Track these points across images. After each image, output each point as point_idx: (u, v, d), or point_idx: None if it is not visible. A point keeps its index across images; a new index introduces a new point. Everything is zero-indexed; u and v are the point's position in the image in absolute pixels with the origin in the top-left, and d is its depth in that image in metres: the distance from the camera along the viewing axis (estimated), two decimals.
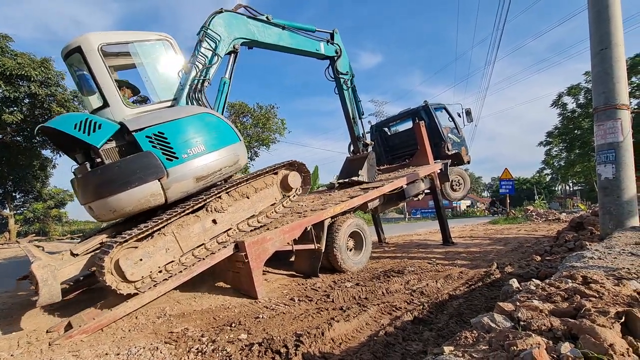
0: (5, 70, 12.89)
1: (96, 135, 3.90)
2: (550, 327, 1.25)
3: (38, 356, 2.68)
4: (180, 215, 4.01)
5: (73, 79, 4.70)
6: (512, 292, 2.33)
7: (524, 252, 6.78)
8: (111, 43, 4.33)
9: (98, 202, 4.00)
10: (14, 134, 16.27)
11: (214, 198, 4.34)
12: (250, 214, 4.78)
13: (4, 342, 3.04)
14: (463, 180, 9.18)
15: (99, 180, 3.98)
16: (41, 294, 3.25)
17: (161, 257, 3.79)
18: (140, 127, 4.07)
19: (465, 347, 1.21)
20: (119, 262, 3.46)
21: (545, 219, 15.83)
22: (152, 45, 4.67)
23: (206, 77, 4.98)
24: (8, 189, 20.12)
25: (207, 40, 5.04)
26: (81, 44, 4.12)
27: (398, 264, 6.04)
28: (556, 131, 30.63)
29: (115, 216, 4.17)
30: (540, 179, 53.90)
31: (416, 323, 3.02)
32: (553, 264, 4.54)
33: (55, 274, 3.44)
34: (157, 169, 4.02)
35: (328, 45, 6.90)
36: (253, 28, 5.62)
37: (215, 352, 2.59)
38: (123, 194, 3.90)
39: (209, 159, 4.44)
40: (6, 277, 6.73)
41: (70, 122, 3.90)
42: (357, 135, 7.66)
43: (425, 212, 43.40)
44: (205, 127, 4.54)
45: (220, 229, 4.38)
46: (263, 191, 4.98)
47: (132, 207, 4.01)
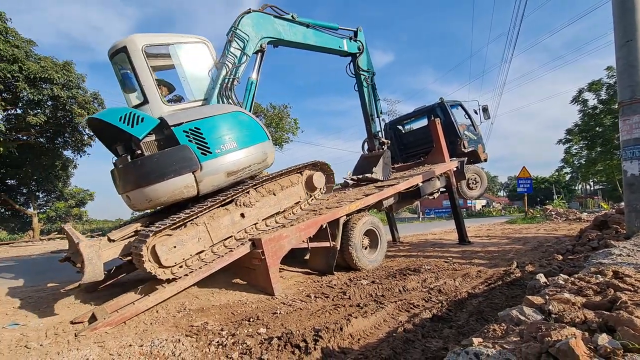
0: (29, 73, 13.39)
1: (139, 128, 4.15)
2: (584, 319, 1.21)
3: (65, 346, 2.77)
4: (212, 207, 4.17)
5: (117, 77, 4.93)
6: (539, 287, 2.27)
7: (544, 251, 6.59)
8: (153, 44, 4.60)
9: (135, 191, 4.23)
10: (37, 136, 16.90)
11: (243, 193, 4.52)
12: (276, 210, 4.92)
13: (32, 333, 3.16)
14: (480, 179, 9.01)
15: (138, 171, 4.21)
16: (86, 271, 3.47)
17: (193, 246, 3.96)
18: (178, 122, 4.30)
19: (494, 339, 1.19)
20: (155, 248, 3.64)
21: (565, 219, 15.37)
22: (190, 47, 4.92)
23: (236, 76, 5.15)
24: (32, 188, 20.91)
25: (236, 40, 5.18)
26: (127, 45, 4.40)
27: (414, 262, 5.98)
28: (576, 128, 29.72)
29: (150, 206, 4.39)
30: (560, 177, 52.32)
31: (435, 321, 2.98)
32: (576, 263, 4.40)
33: (99, 253, 3.68)
34: (192, 162, 4.23)
35: (351, 42, 6.98)
36: (279, 27, 5.74)
37: (235, 345, 2.62)
38: (159, 184, 4.12)
39: (240, 155, 4.63)
40: (32, 273, 6.99)
41: (116, 115, 4.18)
42: (374, 133, 7.65)
43: (439, 212, 42.81)
44: (238, 125, 4.75)
45: (247, 223, 4.54)
46: (289, 189, 5.13)
47: (167, 198, 4.23)
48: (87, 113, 16.03)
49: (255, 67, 5.55)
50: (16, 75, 13.28)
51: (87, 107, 16.17)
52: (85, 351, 2.62)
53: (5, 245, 14.35)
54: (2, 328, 3.29)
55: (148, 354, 2.56)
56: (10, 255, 10.96)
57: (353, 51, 7.05)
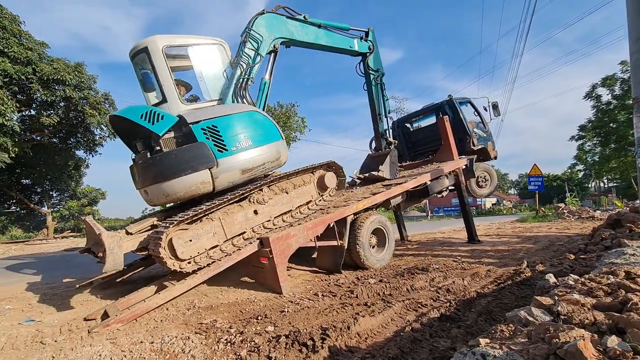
0: (43, 75, 13.68)
1: (159, 125, 4.32)
2: (594, 320, 1.19)
3: (79, 342, 2.84)
4: (227, 203, 4.29)
5: (137, 76, 5.08)
6: (549, 287, 2.24)
7: (555, 250, 6.49)
8: (173, 45, 4.76)
9: (153, 186, 4.39)
10: (51, 136, 17.27)
11: (257, 190, 4.62)
12: (288, 208, 5.00)
13: (48, 329, 3.24)
14: (489, 177, 8.89)
15: (156, 167, 4.36)
16: (107, 261, 3.62)
17: (208, 240, 4.07)
18: (196, 120, 4.44)
19: (502, 340, 1.18)
20: (172, 241, 3.75)
21: (578, 217, 15.08)
22: (207, 49, 5.06)
23: (250, 76, 5.25)
24: (46, 188, 21.41)
25: (250, 40, 5.28)
26: (148, 45, 4.56)
27: (422, 261, 5.94)
28: (590, 125, 29.03)
29: (167, 201, 4.55)
30: (572, 175, 51.21)
31: (443, 320, 2.97)
32: (588, 263, 4.31)
33: (120, 244, 3.84)
34: (209, 158, 4.37)
35: (361, 42, 7.03)
36: (292, 28, 5.83)
37: (243, 343, 2.65)
38: (176, 180, 4.27)
39: (255, 154, 4.76)
40: (46, 270, 7.17)
41: (137, 112, 4.36)
42: (381, 132, 7.64)
43: (448, 210, 42.37)
44: (253, 124, 4.88)
45: (260, 220, 4.64)
46: (301, 188, 5.21)
47: (183, 193, 4.37)
48: (99, 114, 16.33)
49: (268, 67, 5.64)
50: (30, 77, 13.59)
51: (99, 108, 16.46)
52: (98, 347, 2.69)
53: (21, 243, 14.74)
54: (19, 324, 3.39)
55: (158, 351, 2.61)
56: (26, 253, 11.25)
57: (364, 51, 7.10)
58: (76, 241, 15.31)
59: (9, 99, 12.98)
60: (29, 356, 2.59)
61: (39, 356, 2.57)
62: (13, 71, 12.85)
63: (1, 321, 3.51)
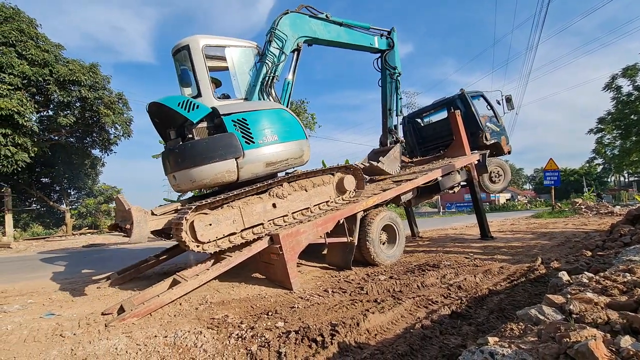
0: (59, 76, 14.05)
1: (194, 113, 4.61)
2: (607, 320, 1.16)
3: (96, 336, 2.93)
4: (248, 193, 4.52)
5: (176, 72, 5.38)
6: (561, 285, 2.19)
7: (571, 247, 6.32)
8: (212, 45, 5.04)
9: (182, 172, 4.65)
10: (68, 136, 17.76)
11: (277, 185, 4.84)
12: (306, 205, 5.13)
13: (67, 322, 3.36)
14: (503, 172, 8.72)
15: (187, 153, 4.63)
16: (134, 232, 3.93)
17: (227, 227, 4.26)
18: (228, 112, 4.74)
19: (511, 339, 1.16)
20: (194, 223, 3.96)
21: (596, 213, 14.65)
22: (242, 50, 5.35)
23: (275, 74, 5.44)
24: (64, 186, 22.07)
25: (275, 40, 5.46)
26: (189, 43, 4.86)
27: (433, 258, 5.89)
28: (609, 117, 28.04)
29: (194, 187, 4.79)
30: (591, 169, 49.68)
31: (454, 317, 2.93)
32: (606, 260, 4.19)
33: (147, 219, 4.14)
34: (237, 149, 4.62)
35: (381, 39, 7.17)
36: (314, 26, 5.99)
37: (254, 338, 2.69)
38: (205, 166, 4.52)
39: (279, 149, 4.99)
40: (66, 266, 7.42)
41: (175, 101, 4.65)
42: (390, 128, 7.59)
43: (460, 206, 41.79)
44: (280, 121, 5.12)
45: (277, 214, 4.79)
46: (320, 187, 5.36)
47: (209, 180, 4.61)
48: (113, 113, 16.69)
49: (292, 66, 5.82)
50: (47, 78, 13.98)
51: (112, 108, 16.81)
52: (114, 341, 2.77)
53: (41, 240, 15.26)
54: (40, 318, 3.53)
55: (172, 345, 2.67)
56: (47, 249, 11.65)
57: (383, 48, 7.21)
58: (93, 237, 15.76)
59: (28, 100, 13.38)
60: (50, 348, 2.68)
61: (58, 349, 2.67)
62: (31, 73, 13.24)
63: (24, 315, 3.65)
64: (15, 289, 4.98)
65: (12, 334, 3.04)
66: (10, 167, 12.78)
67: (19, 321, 3.40)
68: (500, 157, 9.01)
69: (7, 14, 13.58)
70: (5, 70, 12.73)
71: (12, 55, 12.92)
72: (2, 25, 13.09)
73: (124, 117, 17.83)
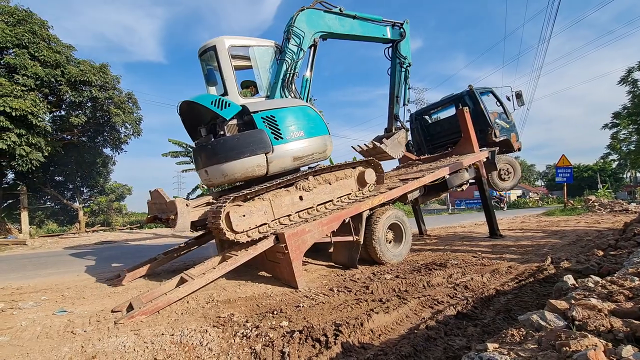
0: (71, 77, 14.30)
1: (227, 111, 4.88)
2: (610, 328, 1.13)
3: (106, 333, 3.01)
4: (277, 186, 4.74)
5: (202, 72, 5.62)
6: (566, 289, 2.14)
7: (583, 246, 6.20)
8: (236, 45, 5.27)
9: (214, 166, 4.90)
10: (80, 135, 18.10)
11: (303, 178, 5.04)
12: (329, 198, 5.31)
13: (78, 319, 3.45)
14: (513, 169, 8.57)
15: (219, 148, 4.87)
16: (178, 222, 4.30)
17: (259, 217, 4.47)
18: (257, 110, 4.99)
19: (511, 345, 1.15)
20: (229, 214, 4.18)
21: (610, 210, 14.31)
22: (265, 50, 5.56)
23: (295, 70, 5.61)
24: (77, 184, 22.54)
25: (293, 37, 5.61)
26: (216, 44, 5.09)
27: (440, 256, 5.84)
28: (625, 111, 27.22)
29: (225, 181, 5.02)
30: (605, 165, 48.43)
31: (459, 318, 2.91)
32: (618, 260, 4.10)
33: (189, 209, 4.44)
34: (266, 144, 4.87)
35: (393, 29, 7.26)
36: (329, 21, 6.15)
37: (258, 337, 2.72)
38: (236, 161, 4.79)
39: (306, 144, 5.26)
40: (79, 263, 7.60)
41: (208, 99, 4.94)
42: (395, 114, 7.62)
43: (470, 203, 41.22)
44: (306, 117, 5.40)
45: (304, 205, 4.97)
46: (342, 181, 5.53)
47: (240, 174, 4.88)
48: (123, 112, 16.92)
49: (309, 62, 5.96)
50: (59, 79, 14.24)
51: (123, 107, 17.05)
52: (123, 338, 2.83)
53: (56, 237, 15.65)
54: (52, 314, 3.62)
55: (178, 343, 2.72)
56: (60, 246, 11.94)
57: (395, 38, 7.29)
58: (105, 235, 16.08)
59: (41, 100, 13.66)
60: (61, 345, 2.76)
61: (69, 345, 2.74)
62: (44, 74, 13.50)
63: (37, 311, 3.76)
64: (30, 286, 5.13)
65: (26, 330, 3.14)
66: (25, 166, 13.10)
67: (32, 318, 3.51)
68: (510, 154, 8.86)
69: (20, 16, 13.85)
70: (19, 71, 13.01)
71: (25, 56, 13.19)
72: (15, 28, 13.36)
73: (133, 116, 18.06)
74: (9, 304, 4.09)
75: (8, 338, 2.95)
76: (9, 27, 13.20)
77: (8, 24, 13.42)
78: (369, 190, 5.86)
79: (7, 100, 11.93)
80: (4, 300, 4.21)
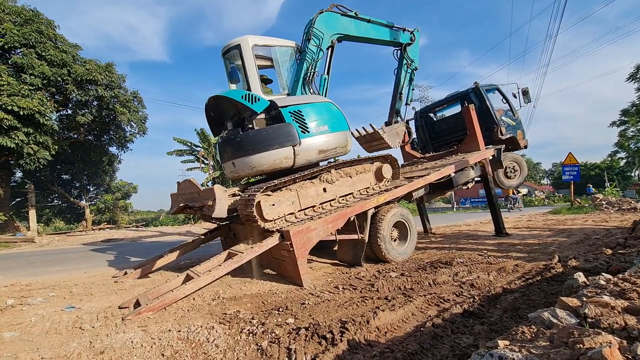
0: (77, 76, 14.42)
1: (257, 105, 5.14)
2: (624, 325, 1.11)
3: (114, 329, 3.03)
4: (303, 178, 4.99)
5: (226, 70, 5.82)
6: (577, 287, 2.12)
7: (591, 244, 6.13)
8: (260, 45, 5.49)
9: (243, 158, 5.11)
10: (86, 134, 18.27)
11: (326, 171, 5.29)
12: (350, 191, 5.54)
13: (86, 315, 3.48)
14: (519, 167, 8.50)
15: (249, 141, 5.08)
16: (216, 207, 4.54)
17: (287, 207, 4.70)
18: (285, 105, 5.25)
19: (522, 342, 1.13)
20: (260, 203, 4.40)
21: (618, 209, 14.13)
22: (286, 50, 5.81)
23: (315, 70, 5.85)
24: (84, 182, 22.78)
25: (313, 37, 5.84)
26: (241, 43, 5.30)
27: (446, 255, 5.81)
28: (633, 109, 26.92)
29: (252, 172, 5.23)
30: (613, 163, 47.83)
31: (466, 316, 2.90)
32: (627, 259, 4.05)
33: (226, 195, 4.72)
34: (294, 137, 5.10)
35: (404, 34, 7.47)
36: (346, 24, 6.38)
37: (265, 334, 2.72)
38: (265, 153, 5.01)
39: (329, 138, 5.50)
40: (86, 260, 7.68)
41: (239, 94, 5.19)
42: (397, 109, 7.64)
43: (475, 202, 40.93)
44: (329, 113, 5.66)
45: (327, 197, 5.20)
46: (361, 175, 5.77)
47: (268, 166, 5.10)
48: (128, 111, 17.05)
49: (327, 62, 6.17)
50: (66, 78, 14.38)
51: (128, 106, 17.18)
52: (130, 334, 2.85)
53: (63, 235, 15.84)
54: (61, 310, 3.66)
55: (185, 339, 2.73)
56: (68, 243, 12.08)
57: (405, 42, 7.48)
58: (112, 232, 16.24)
59: (48, 100, 13.81)
60: (70, 340, 2.79)
61: (78, 341, 2.77)
62: (50, 73, 13.63)
63: (46, 307, 3.81)
64: (39, 283, 5.19)
65: (36, 326, 3.17)
66: (32, 164, 13.26)
67: (42, 313, 3.55)
68: (516, 151, 8.78)
69: (27, 16, 13.99)
70: (26, 71, 13.16)
71: (32, 56, 13.33)
72: (22, 27, 13.50)
73: (139, 115, 18.20)
74: (19, 299, 4.13)
75: (18, 333, 2.99)
76: (16, 27, 13.34)
77: (15, 24, 13.56)
78: (385, 185, 6.07)
79: (15, 99, 12.08)
80: (14, 297, 4.26)
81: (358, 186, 5.65)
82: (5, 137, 12.23)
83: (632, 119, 27.56)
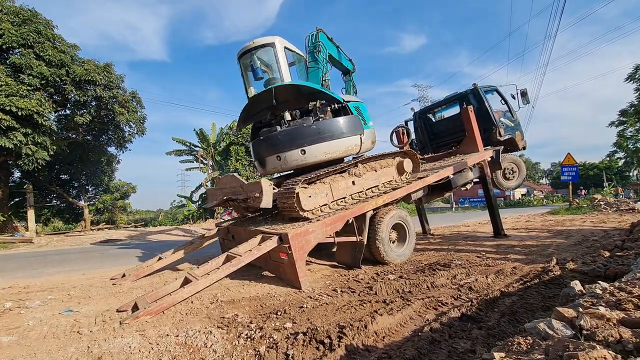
0: (75, 76, 14.37)
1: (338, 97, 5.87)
2: (619, 338, 1.12)
3: (111, 333, 3.02)
4: (334, 172, 5.31)
5: (254, 65, 6.09)
6: (573, 296, 2.12)
7: (589, 246, 6.15)
8: (288, 48, 5.97)
9: (316, 145, 5.47)
10: (84, 134, 18.20)
11: (354, 165, 5.61)
12: (375, 184, 5.89)
13: (84, 319, 3.47)
14: (517, 168, 8.51)
15: (326, 128, 5.53)
16: (264, 199, 4.89)
17: (321, 199, 5.04)
18: (348, 100, 5.99)
19: (518, 354, 1.13)
20: (299, 195, 4.71)
21: (616, 209, 14.17)
22: (299, 58, 6.35)
23: (327, 78, 6.35)
24: (82, 182, 22.70)
25: (323, 49, 6.36)
26: (275, 42, 5.74)
27: (444, 257, 5.82)
28: (632, 109, 26.96)
29: (325, 158, 5.60)
30: (611, 163, 47.97)
31: (464, 320, 2.90)
32: (625, 261, 4.06)
33: (271, 188, 5.04)
34: (361, 127, 5.86)
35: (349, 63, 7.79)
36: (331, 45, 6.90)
37: (262, 339, 2.72)
38: (341, 140, 5.58)
39: (372, 131, 6.34)
40: (85, 262, 7.66)
41: (318, 84, 5.89)
42: None
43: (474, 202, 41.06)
44: (366, 111, 6.42)
45: (355, 190, 5.53)
46: (385, 169, 6.13)
47: (342, 152, 5.69)
48: (127, 111, 16.99)
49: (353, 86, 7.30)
50: (64, 78, 14.30)
51: (127, 106, 17.11)
52: (128, 339, 2.85)
53: (62, 235, 15.80)
54: (59, 314, 3.66)
55: (182, 344, 2.73)
56: (66, 244, 12.05)
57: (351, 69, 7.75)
58: (110, 233, 16.21)
59: (46, 100, 13.74)
60: (68, 345, 2.78)
61: (76, 346, 2.76)
62: (49, 73, 13.57)
63: (44, 310, 3.79)
64: (37, 285, 5.18)
65: (33, 330, 3.16)
66: (31, 165, 13.20)
67: (39, 317, 3.54)
68: (514, 152, 8.79)
69: (25, 16, 13.91)
70: (24, 71, 13.09)
71: (30, 56, 13.27)
72: (20, 28, 13.43)
73: (137, 115, 18.12)
74: (17, 302, 4.13)
75: (16, 338, 2.98)
76: (14, 27, 13.27)
77: (14, 24, 13.49)
78: (407, 177, 6.48)
79: (13, 99, 12.02)
80: (11, 299, 4.25)
81: (383, 179, 6.00)
82: (4, 137, 12.17)
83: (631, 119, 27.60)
